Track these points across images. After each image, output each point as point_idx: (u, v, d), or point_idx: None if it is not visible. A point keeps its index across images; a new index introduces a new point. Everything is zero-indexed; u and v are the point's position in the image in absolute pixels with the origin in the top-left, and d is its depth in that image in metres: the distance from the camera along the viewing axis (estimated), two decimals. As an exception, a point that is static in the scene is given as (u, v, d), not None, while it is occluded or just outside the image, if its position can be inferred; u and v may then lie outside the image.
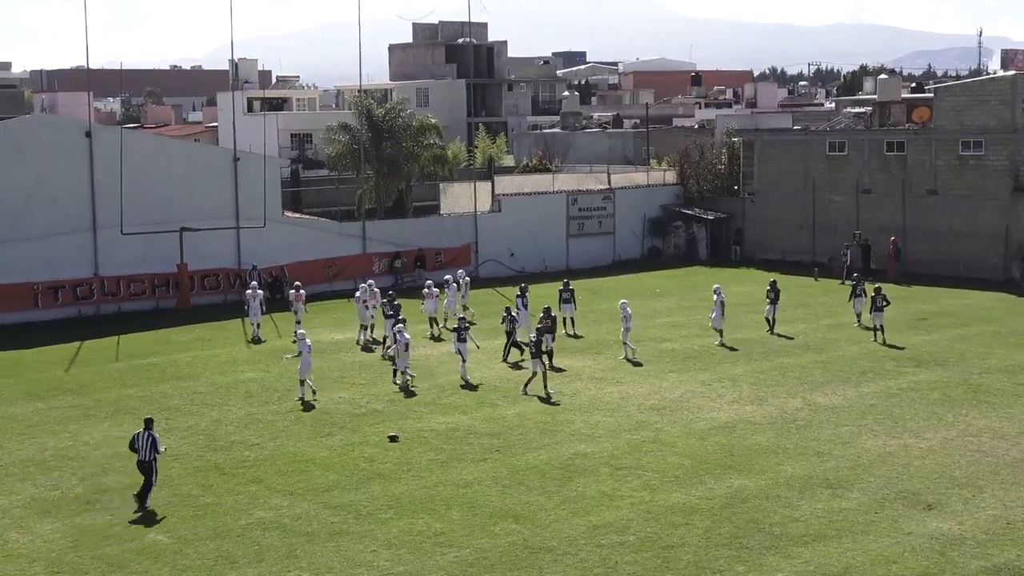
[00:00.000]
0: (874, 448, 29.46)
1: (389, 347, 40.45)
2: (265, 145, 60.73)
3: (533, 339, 36.73)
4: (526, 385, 35.95)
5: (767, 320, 44.96)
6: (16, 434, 31.91)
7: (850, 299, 46.56)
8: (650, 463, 28.44)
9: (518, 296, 45.35)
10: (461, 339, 38.20)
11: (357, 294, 45.68)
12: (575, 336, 44.72)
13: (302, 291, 46.97)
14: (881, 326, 43.42)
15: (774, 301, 44.99)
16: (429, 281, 47.95)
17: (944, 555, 22.08)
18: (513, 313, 41.72)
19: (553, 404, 34.63)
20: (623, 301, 42.20)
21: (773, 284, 45.39)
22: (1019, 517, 24.14)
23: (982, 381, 36.69)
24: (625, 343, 41.34)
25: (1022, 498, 25.38)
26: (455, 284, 48.00)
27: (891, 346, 42.14)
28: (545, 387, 35.82)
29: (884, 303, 43.35)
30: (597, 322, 47.17)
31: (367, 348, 43.13)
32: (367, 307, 44.46)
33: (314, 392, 35.35)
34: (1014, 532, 23.27)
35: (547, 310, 40.51)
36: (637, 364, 39.66)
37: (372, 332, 44.47)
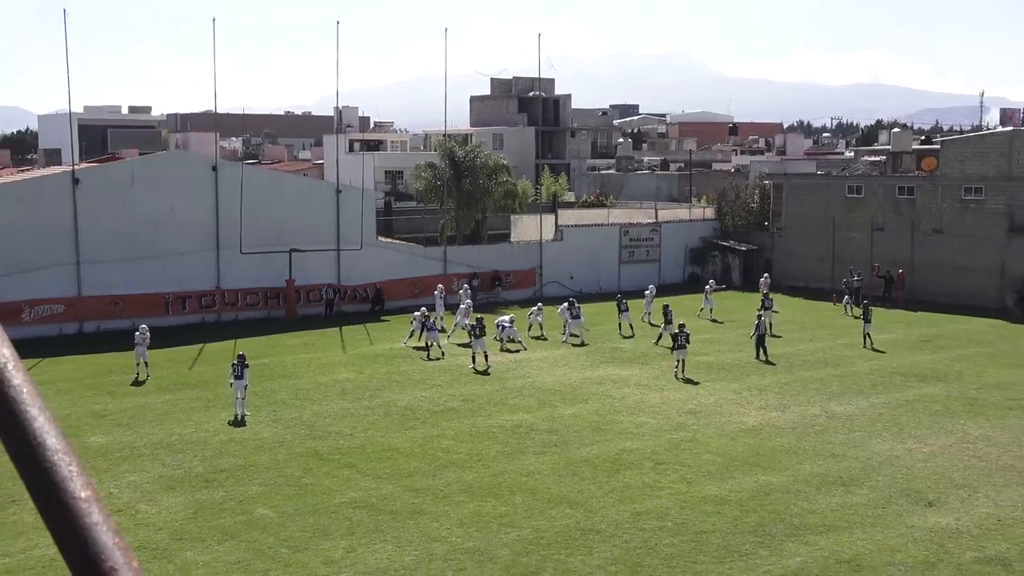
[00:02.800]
0: (882, 451, 29.17)
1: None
2: (363, 180, 60.98)
3: (677, 332, 39.50)
4: (680, 371, 38.93)
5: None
6: (148, 421, 32.32)
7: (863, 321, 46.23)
8: (687, 459, 28.33)
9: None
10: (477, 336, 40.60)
11: (416, 314, 45.67)
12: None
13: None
14: (868, 334, 45.45)
15: (683, 346, 39.41)
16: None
17: (942, 546, 21.81)
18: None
19: (693, 383, 37.78)
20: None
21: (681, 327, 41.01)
22: (1009, 515, 23.81)
23: (978, 395, 36.21)
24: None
25: (1012, 498, 25.04)
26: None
27: (877, 347, 41.77)
28: (683, 372, 38.94)
29: (870, 315, 45.95)
30: (645, 336, 47.01)
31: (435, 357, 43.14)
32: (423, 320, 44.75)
33: None
34: (1004, 528, 22.95)
35: (682, 326, 41.12)
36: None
37: (411, 339, 45.10)
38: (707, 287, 54.96)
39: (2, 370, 1.60)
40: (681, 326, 40.33)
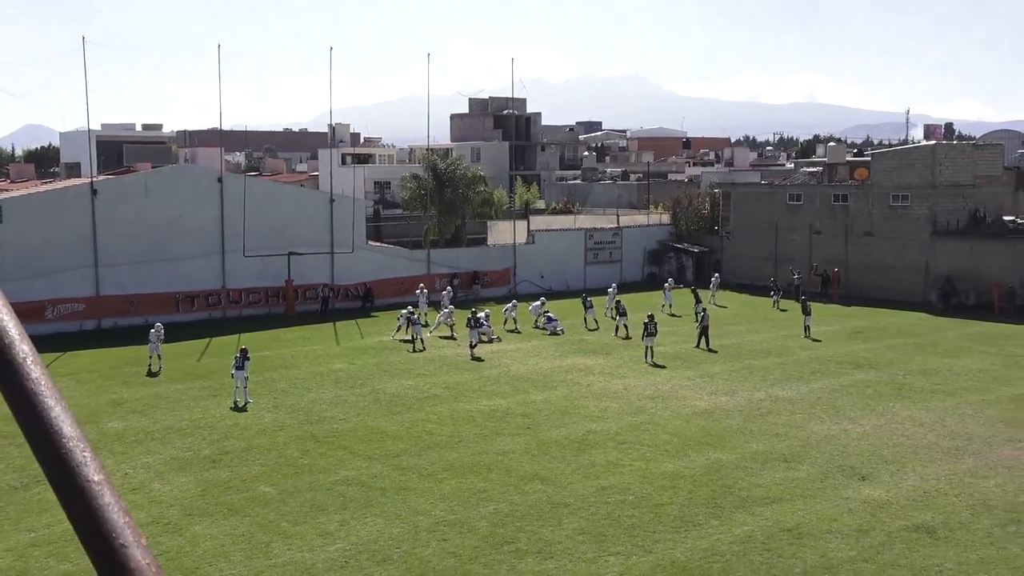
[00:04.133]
0: (820, 431, 29.30)
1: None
2: (354, 190, 60.92)
3: (646, 321, 39.98)
4: (650, 357, 39.55)
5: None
6: (161, 408, 32.15)
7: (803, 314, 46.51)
8: (646, 439, 28.37)
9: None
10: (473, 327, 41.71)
11: (403, 311, 45.38)
12: (628, 338, 44.60)
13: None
14: (808, 326, 45.78)
15: (652, 334, 39.95)
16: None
17: (874, 516, 21.93)
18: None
19: (660, 367, 38.48)
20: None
21: (651, 317, 41.25)
22: (933, 487, 23.95)
23: (906, 381, 36.43)
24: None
25: (936, 473, 25.19)
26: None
27: (815, 336, 41.94)
28: (651, 358, 39.56)
29: (809, 308, 46.53)
30: (608, 330, 47.06)
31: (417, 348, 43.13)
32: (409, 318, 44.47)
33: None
34: (929, 499, 23.10)
35: (651, 316, 41.06)
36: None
37: (398, 333, 44.94)
38: (666, 284, 55.27)
39: (22, 364, 1.58)
40: (650, 316, 40.61)
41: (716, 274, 61.06)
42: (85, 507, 1.48)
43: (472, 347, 41.16)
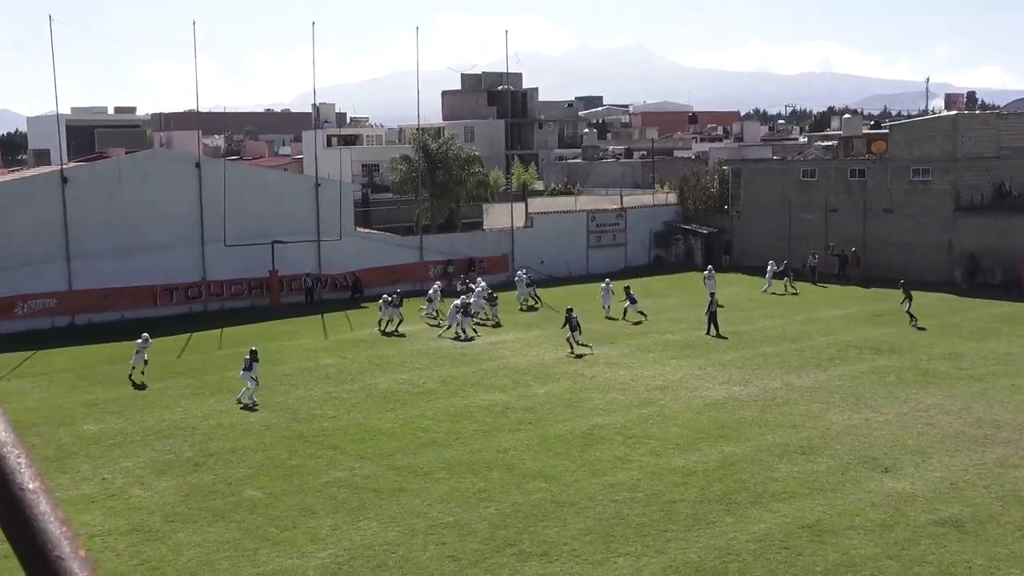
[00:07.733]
0: (840, 421, 29.28)
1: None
2: (341, 173, 60.91)
3: (567, 316, 39.64)
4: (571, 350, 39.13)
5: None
6: (139, 408, 32.11)
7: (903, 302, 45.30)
8: (655, 433, 28.34)
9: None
10: (467, 314, 43.15)
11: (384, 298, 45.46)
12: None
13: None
14: (911, 313, 44.64)
15: (574, 327, 39.27)
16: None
17: (899, 510, 21.91)
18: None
19: (579, 358, 36.15)
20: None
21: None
22: (961, 479, 23.94)
23: (929, 366, 36.40)
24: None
25: (963, 463, 25.17)
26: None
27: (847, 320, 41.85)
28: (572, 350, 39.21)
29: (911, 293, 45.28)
30: (616, 317, 46.97)
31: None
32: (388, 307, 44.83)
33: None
34: (956, 491, 23.08)
35: (570, 310, 40.45)
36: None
37: (385, 326, 44.82)
38: (707, 271, 53.25)
39: None
40: (569, 310, 40.07)
41: (772, 261, 57.07)
42: (18, 516, 1.42)
43: (464, 331, 42.50)
